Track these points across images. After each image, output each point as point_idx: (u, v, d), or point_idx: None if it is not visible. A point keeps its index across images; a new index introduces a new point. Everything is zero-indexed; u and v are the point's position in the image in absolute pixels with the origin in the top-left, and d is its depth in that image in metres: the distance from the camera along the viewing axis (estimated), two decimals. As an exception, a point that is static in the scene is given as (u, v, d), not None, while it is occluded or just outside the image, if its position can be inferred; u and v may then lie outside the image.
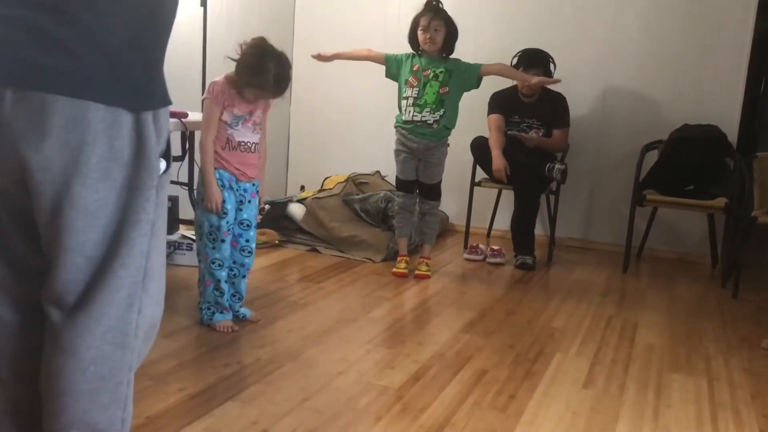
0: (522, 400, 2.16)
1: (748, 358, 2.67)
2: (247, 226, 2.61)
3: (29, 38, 1.06)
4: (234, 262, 2.62)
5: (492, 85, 3.99)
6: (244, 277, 2.65)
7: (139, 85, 1.15)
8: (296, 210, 4.07)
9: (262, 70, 2.37)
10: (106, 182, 1.12)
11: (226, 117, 2.48)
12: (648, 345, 2.74)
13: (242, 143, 2.53)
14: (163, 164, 1.21)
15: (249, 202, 2.59)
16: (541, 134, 4.04)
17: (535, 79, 3.56)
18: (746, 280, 3.68)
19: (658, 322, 3.05)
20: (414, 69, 3.43)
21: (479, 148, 4.07)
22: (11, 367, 1.26)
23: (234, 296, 2.65)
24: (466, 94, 3.52)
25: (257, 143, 2.58)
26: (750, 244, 3.66)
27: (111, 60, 1.10)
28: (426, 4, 3.40)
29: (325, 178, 4.65)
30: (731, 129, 4.08)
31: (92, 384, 1.17)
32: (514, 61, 4.07)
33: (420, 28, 3.36)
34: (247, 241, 2.62)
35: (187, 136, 3.28)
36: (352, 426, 1.92)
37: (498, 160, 3.86)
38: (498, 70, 3.50)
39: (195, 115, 2.84)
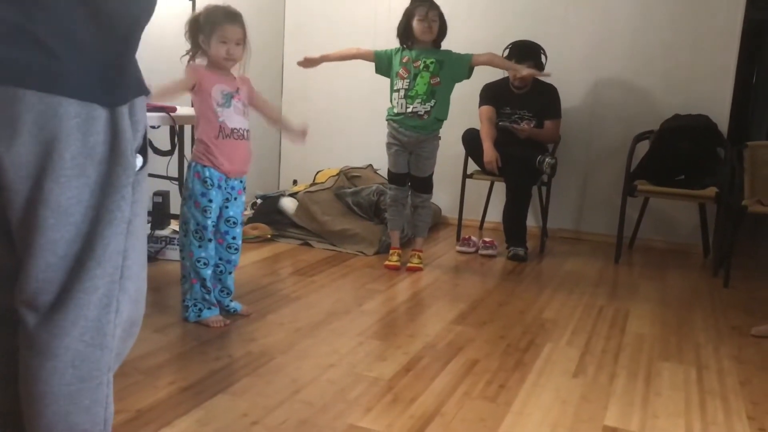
0: (512, 389, 2.17)
1: (738, 346, 2.69)
2: (234, 223, 2.61)
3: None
4: (220, 259, 2.62)
5: (483, 76, 3.99)
6: (230, 273, 2.65)
7: (114, 78, 1.13)
8: (288, 204, 4.08)
9: (202, 14, 2.47)
10: (80, 179, 1.10)
11: (216, 96, 2.47)
12: (638, 334, 2.76)
13: (235, 131, 2.52)
14: (140, 160, 1.19)
15: (235, 199, 2.59)
16: (532, 125, 4.05)
17: (526, 71, 3.55)
18: (737, 269, 3.70)
19: (649, 312, 3.06)
20: (404, 61, 3.43)
21: (471, 140, 4.07)
22: None
23: (222, 291, 2.66)
24: (457, 86, 3.53)
25: (248, 130, 2.58)
26: (741, 233, 3.68)
27: (84, 54, 1.08)
28: None
29: (317, 172, 4.65)
30: (722, 119, 4.09)
31: (71, 386, 1.16)
32: (505, 53, 4.06)
33: (417, 18, 3.36)
34: (234, 238, 2.62)
35: (176, 131, 3.27)
36: (342, 417, 1.93)
37: (489, 152, 3.86)
38: (488, 60, 3.50)
39: (184, 110, 2.83)
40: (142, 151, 1.21)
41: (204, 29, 2.44)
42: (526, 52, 4.04)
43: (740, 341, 2.74)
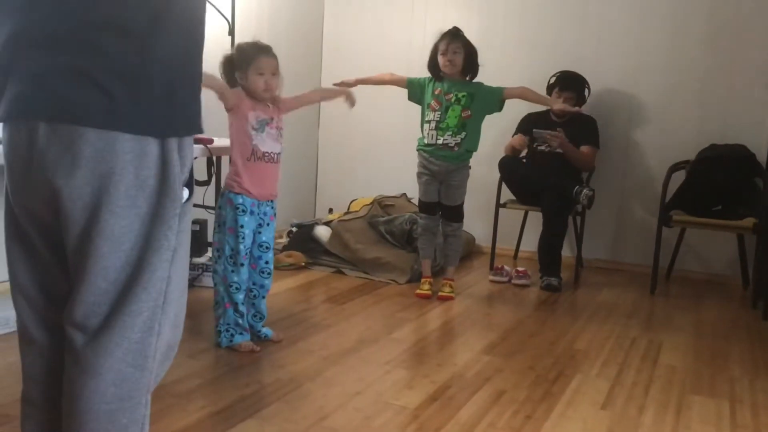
0: (538, 420, 2.17)
1: (774, 380, 2.63)
2: (266, 248, 2.68)
3: (62, 74, 1.13)
4: (254, 284, 2.68)
5: (526, 106, 4.01)
6: (263, 297, 2.71)
7: (166, 112, 1.20)
8: (322, 232, 4.14)
9: (235, 52, 2.57)
10: (132, 210, 1.18)
11: (252, 121, 2.57)
12: (671, 366, 2.72)
13: (266, 154, 2.61)
14: (186, 193, 1.27)
15: (267, 225, 2.67)
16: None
17: (557, 106, 3.63)
18: (777, 301, 3.62)
19: (683, 344, 3.01)
20: (436, 93, 3.48)
21: (506, 167, 4.10)
22: (44, 391, 1.31)
23: (255, 316, 2.71)
24: (494, 117, 3.57)
25: (280, 154, 2.67)
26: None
27: (137, 90, 1.16)
28: (446, 31, 3.46)
29: (352, 201, 4.71)
30: (760, 148, 4.03)
31: (112, 405, 1.22)
32: (552, 80, 4.18)
33: (440, 53, 3.42)
34: (267, 263, 2.69)
35: (213, 162, 3.37)
36: (367, 445, 1.95)
37: (516, 138, 4.13)
38: (520, 94, 3.53)
39: (220, 141, 2.93)
40: (189, 184, 1.28)
41: (240, 65, 2.54)
42: (569, 82, 4.13)
43: (777, 375, 2.68)
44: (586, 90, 4.16)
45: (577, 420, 2.18)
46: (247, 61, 2.54)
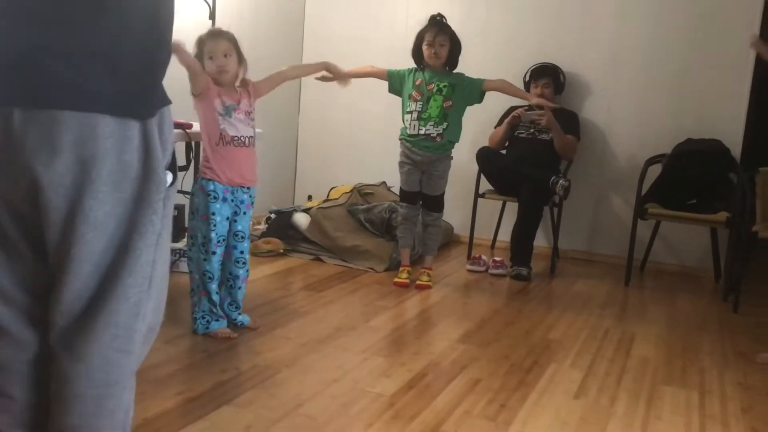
0: (513, 409, 2.20)
1: (743, 372, 2.69)
2: (242, 237, 2.66)
3: (34, 55, 1.10)
4: (230, 274, 2.67)
5: (508, 99, 4.01)
6: (239, 288, 2.70)
7: (144, 91, 1.19)
8: (301, 219, 4.13)
9: (198, 39, 2.58)
10: (115, 195, 1.16)
11: (217, 106, 2.55)
12: (643, 357, 2.76)
13: (235, 138, 2.58)
14: (169, 177, 1.25)
15: (244, 213, 2.65)
16: (550, 137, 4.09)
17: (535, 100, 3.68)
18: (748, 295, 3.69)
19: (655, 335, 3.07)
20: (417, 83, 3.48)
21: (485, 158, 4.12)
22: (22, 385, 1.29)
23: (231, 305, 2.71)
24: (472, 108, 3.58)
25: (252, 137, 2.64)
26: (752, 258, 3.67)
27: (116, 70, 1.14)
28: (430, 20, 3.47)
29: (331, 189, 4.71)
30: (735, 143, 4.09)
31: (99, 389, 1.21)
32: (527, 76, 4.27)
33: (425, 43, 3.42)
34: (241, 252, 2.67)
35: (191, 147, 3.34)
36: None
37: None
38: (499, 87, 3.54)
39: (199, 126, 2.90)
40: (171, 168, 1.27)
41: (200, 55, 2.55)
42: (542, 70, 4.24)
43: (746, 367, 2.74)
44: (561, 76, 4.22)
45: (550, 409, 2.22)
46: (201, 46, 2.55)
